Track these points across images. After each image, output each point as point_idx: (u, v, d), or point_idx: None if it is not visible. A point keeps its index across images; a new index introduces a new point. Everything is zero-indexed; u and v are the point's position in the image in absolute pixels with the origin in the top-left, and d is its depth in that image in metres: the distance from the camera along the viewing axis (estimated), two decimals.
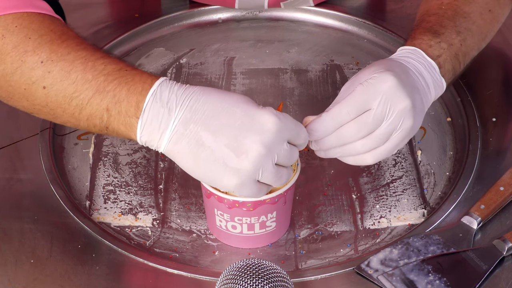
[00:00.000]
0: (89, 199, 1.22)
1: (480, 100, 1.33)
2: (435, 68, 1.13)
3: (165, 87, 1.02)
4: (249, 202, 1.08)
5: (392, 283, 1.07)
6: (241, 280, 0.91)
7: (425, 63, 1.12)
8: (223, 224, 1.12)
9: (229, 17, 1.54)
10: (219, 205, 1.10)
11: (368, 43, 1.49)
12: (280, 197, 1.09)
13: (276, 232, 1.14)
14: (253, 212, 1.09)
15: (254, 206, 1.08)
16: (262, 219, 1.11)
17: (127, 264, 1.11)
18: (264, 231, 1.13)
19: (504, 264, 1.10)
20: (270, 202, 1.09)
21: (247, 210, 1.09)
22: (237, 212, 1.09)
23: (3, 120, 1.32)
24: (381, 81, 1.05)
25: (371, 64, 1.10)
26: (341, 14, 1.51)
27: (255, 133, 0.99)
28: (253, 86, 1.41)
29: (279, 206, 1.10)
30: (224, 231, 1.13)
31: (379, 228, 1.18)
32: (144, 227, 1.19)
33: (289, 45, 1.49)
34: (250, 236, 1.13)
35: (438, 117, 1.34)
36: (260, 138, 0.99)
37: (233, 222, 1.11)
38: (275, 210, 1.10)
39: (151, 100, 1.01)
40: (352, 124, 1.05)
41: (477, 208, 1.15)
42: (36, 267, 1.11)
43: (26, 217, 1.17)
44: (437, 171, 1.26)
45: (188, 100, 1.02)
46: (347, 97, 1.05)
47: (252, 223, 1.11)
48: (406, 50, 1.14)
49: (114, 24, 1.51)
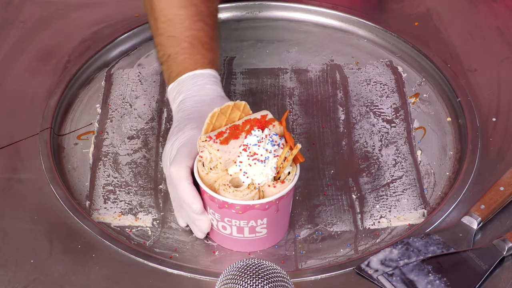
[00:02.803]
0: (89, 199, 1.22)
1: (480, 100, 1.34)
2: None
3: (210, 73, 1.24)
4: (238, 205, 1.08)
5: (392, 283, 1.07)
6: (241, 280, 0.91)
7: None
8: (214, 223, 1.13)
9: (229, 17, 1.54)
10: (211, 204, 1.10)
11: (368, 43, 1.49)
12: (271, 205, 1.09)
13: (267, 239, 1.14)
14: (243, 216, 1.09)
15: (243, 209, 1.09)
16: (252, 224, 1.10)
17: (127, 264, 1.11)
18: (254, 236, 1.12)
19: (504, 264, 1.10)
20: (260, 208, 1.09)
21: (236, 213, 1.09)
22: (227, 213, 1.09)
23: (3, 120, 1.32)
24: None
25: None
26: (341, 14, 1.51)
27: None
28: (253, 86, 1.41)
29: (270, 213, 1.10)
30: (216, 231, 1.14)
31: (379, 228, 1.18)
32: (144, 227, 1.19)
33: (289, 45, 1.49)
34: (240, 239, 1.12)
35: (438, 117, 1.34)
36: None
37: (223, 222, 1.11)
38: (265, 216, 1.10)
39: (182, 79, 1.24)
40: None
41: (477, 208, 1.15)
42: (36, 267, 1.11)
43: (26, 217, 1.17)
44: (437, 171, 1.26)
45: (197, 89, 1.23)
46: None
47: (241, 226, 1.11)
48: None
49: (114, 24, 1.51)
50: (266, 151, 1.08)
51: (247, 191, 1.08)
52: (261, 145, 1.08)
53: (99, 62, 1.44)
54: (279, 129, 1.12)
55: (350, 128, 1.33)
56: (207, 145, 1.10)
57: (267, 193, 1.09)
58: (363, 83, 1.41)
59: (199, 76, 1.24)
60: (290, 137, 1.10)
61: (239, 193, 1.08)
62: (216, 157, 1.09)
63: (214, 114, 1.11)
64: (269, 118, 1.13)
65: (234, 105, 1.12)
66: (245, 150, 1.09)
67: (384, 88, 1.40)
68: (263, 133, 1.10)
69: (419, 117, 1.34)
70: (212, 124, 1.12)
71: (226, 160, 1.09)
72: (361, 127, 1.33)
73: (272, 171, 1.09)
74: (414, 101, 1.37)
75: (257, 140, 1.09)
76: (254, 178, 1.09)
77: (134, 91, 1.40)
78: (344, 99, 1.38)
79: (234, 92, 1.39)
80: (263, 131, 1.10)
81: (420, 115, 1.34)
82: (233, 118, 1.13)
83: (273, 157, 1.08)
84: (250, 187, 1.09)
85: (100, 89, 1.40)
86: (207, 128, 1.12)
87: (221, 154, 1.09)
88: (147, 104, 1.37)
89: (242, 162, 1.09)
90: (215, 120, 1.12)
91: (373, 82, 1.41)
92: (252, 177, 1.09)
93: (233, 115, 1.13)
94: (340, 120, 1.34)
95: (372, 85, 1.40)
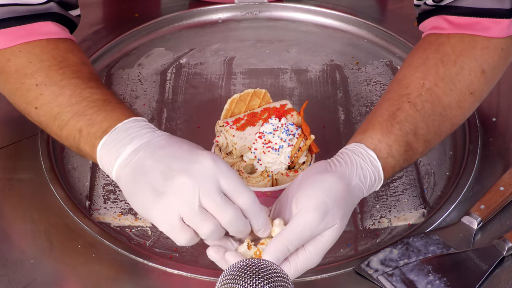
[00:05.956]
0: (89, 199, 1.22)
1: None
2: (380, 172, 1.08)
3: (136, 122, 1.07)
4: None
5: (392, 283, 1.07)
6: (241, 280, 0.91)
7: (372, 166, 1.07)
8: None
9: (229, 17, 1.54)
10: None
11: (368, 43, 1.49)
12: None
13: None
14: None
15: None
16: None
17: (127, 264, 1.11)
18: None
19: (504, 264, 1.10)
20: (272, 195, 1.10)
21: None
22: None
23: (3, 120, 1.32)
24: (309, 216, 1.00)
25: (312, 177, 1.03)
26: (341, 14, 1.51)
27: (185, 162, 1.00)
28: (253, 86, 1.41)
29: None
30: None
31: (379, 228, 1.18)
32: (144, 227, 1.19)
33: (289, 45, 1.49)
34: None
35: None
36: (189, 167, 0.99)
37: None
38: None
39: (120, 127, 1.06)
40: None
41: (477, 208, 1.15)
42: (36, 267, 1.11)
43: (26, 217, 1.17)
44: (437, 171, 1.26)
45: (149, 135, 1.05)
46: (288, 233, 0.99)
47: None
48: (361, 149, 1.08)
49: (114, 24, 1.51)
50: (280, 140, 1.10)
51: (260, 178, 1.10)
52: (276, 134, 1.10)
53: (99, 62, 1.44)
54: (297, 119, 1.14)
55: (350, 128, 1.33)
56: (224, 130, 1.13)
57: (280, 182, 1.11)
58: (363, 83, 1.41)
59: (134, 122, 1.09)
60: (306, 127, 1.11)
61: (252, 180, 1.10)
62: (231, 143, 1.12)
63: (234, 100, 1.14)
64: (288, 107, 1.15)
65: (254, 92, 1.15)
66: (260, 137, 1.11)
67: (384, 88, 1.40)
68: (279, 122, 1.11)
69: None
70: (231, 110, 1.14)
71: (241, 146, 1.11)
72: None
73: (286, 160, 1.10)
74: None
75: (272, 129, 1.11)
76: (267, 166, 1.10)
77: (134, 91, 1.40)
78: (344, 99, 1.38)
79: (234, 92, 1.39)
80: (280, 120, 1.12)
81: None
82: (253, 105, 1.16)
83: (287, 146, 1.09)
84: (263, 174, 1.10)
85: None
86: (226, 113, 1.15)
87: (236, 140, 1.12)
88: (147, 104, 1.37)
89: (257, 149, 1.11)
90: (234, 106, 1.14)
91: (373, 82, 1.41)
92: (266, 165, 1.10)
93: (252, 103, 1.16)
94: (340, 120, 1.34)
95: (372, 85, 1.40)
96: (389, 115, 1.11)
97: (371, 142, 1.08)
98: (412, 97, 1.12)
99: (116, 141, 1.05)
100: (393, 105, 1.12)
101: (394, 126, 1.09)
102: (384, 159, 1.08)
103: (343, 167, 1.04)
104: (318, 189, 1.00)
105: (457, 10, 1.18)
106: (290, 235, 0.98)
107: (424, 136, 1.11)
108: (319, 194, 1.00)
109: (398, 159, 1.09)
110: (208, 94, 1.40)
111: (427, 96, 1.13)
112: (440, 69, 1.14)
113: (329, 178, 1.02)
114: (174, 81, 1.42)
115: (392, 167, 1.09)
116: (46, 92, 1.13)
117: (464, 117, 1.18)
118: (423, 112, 1.12)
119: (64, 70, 1.14)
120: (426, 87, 1.13)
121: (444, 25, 1.18)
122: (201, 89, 1.41)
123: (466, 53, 1.16)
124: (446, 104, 1.14)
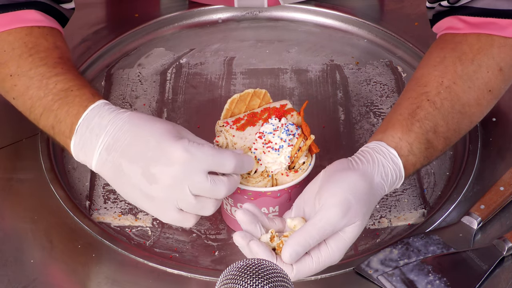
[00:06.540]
0: (89, 199, 1.22)
1: None
2: (401, 169, 1.09)
3: (96, 112, 1.08)
4: (249, 191, 1.10)
5: (392, 283, 1.07)
6: (241, 280, 0.91)
7: (393, 164, 1.08)
8: (228, 208, 1.14)
9: (229, 17, 1.54)
10: None
11: (368, 43, 1.49)
12: (283, 193, 1.10)
13: None
14: (254, 202, 1.10)
15: (255, 195, 1.10)
16: (264, 211, 1.11)
17: (127, 264, 1.11)
18: None
19: (504, 264, 1.10)
20: (272, 195, 1.10)
21: (248, 199, 1.10)
22: (239, 198, 1.11)
23: (3, 120, 1.32)
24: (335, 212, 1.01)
25: (335, 175, 1.05)
26: (341, 14, 1.51)
27: (163, 165, 1.03)
28: (253, 86, 1.40)
29: (282, 201, 1.11)
30: (229, 216, 1.15)
31: (379, 228, 1.18)
32: (144, 227, 1.19)
33: (289, 45, 1.49)
34: None
35: None
36: (168, 170, 1.03)
37: (236, 207, 1.12)
38: (277, 204, 1.11)
39: (81, 124, 1.09)
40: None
41: (477, 208, 1.15)
42: (36, 267, 1.11)
43: (26, 217, 1.17)
44: (437, 171, 1.26)
45: (112, 128, 1.07)
46: (310, 228, 1.00)
47: None
48: (383, 147, 1.09)
49: (114, 24, 1.51)
50: (280, 140, 1.10)
51: (260, 178, 1.10)
52: (276, 134, 1.10)
53: (99, 62, 1.44)
54: (297, 119, 1.14)
55: (350, 128, 1.33)
56: (224, 130, 1.13)
57: (280, 182, 1.11)
58: (363, 83, 1.41)
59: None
60: (306, 127, 1.11)
61: (252, 180, 1.10)
62: (231, 143, 1.12)
63: (234, 100, 1.15)
64: (288, 107, 1.15)
65: (254, 92, 1.15)
66: (260, 137, 1.11)
67: (384, 88, 1.40)
68: (279, 122, 1.11)
69: None
70: (231, 110, 1.14)
71: (241, 146, 1.11)
72: (361, 127, 1.33)
73: (286, 160, 1.10)
74: None
75: (272, 129, 1.11)
76: (267, 166, 1.10)
77: (134, 91, 1.40)
78: (344, 99, 1.38)
79: (234, 92, 1.39)
80: (280, 120, 1.12)
81: None
82: (253, 105, 1.16)
83: (288, 146, 1.09)
84: (263, 174, 1.10)
85: (100, 89, 1.40)
86: (226, 113, 1.15)
87: (236, 140, 1.12)
88: (147, 104, 1.37)
89: (257, 149, 1.11)
90: (234, 106, 1.15)
91: (373, 82, 1.41)
92: (266, 165, 1.10)
93: (252, 103, 1.16)
94: (340, 120, 1.34)
95: (372, 85, 1.40)
96: (409, 113, 1.12)
97: (392, 140, 1.09)
98: (431, 95, 1.13)
99: (83, 141, 1.08)
100: (412, 103, 1.13)
101: (414, 124, 1.11)
102: (405, 157, 1.09)
103: (365, 165, 1.06)
104: (341, 187, 1.02)
105: (473, 11, 1.18)
106: (311, 229, 1.00)
107: (444, 134, 1.12)
108: (342, 192, 1.02)
109: (419, 157, 1.10)
110: (208, 94, 1.40)
111: (446, 94, 1.13)
112: (458, 67, 1.15)
113: (352, 176, 1.04)
114: (174, 81, 1.42)
115: (413, 165, 1.10)
116: (19, 83, 1.14)
117: (483, 115, 1.19)
118: (442, 110, 1.13)
119: (33, 58, 1.14)
120: (444, 85, 1.14)
121: (460, 25, 1.19)
122: (201, 89, 1.41)
123: (484, 51, 1.16)
124: (464, 102, 1.14)
